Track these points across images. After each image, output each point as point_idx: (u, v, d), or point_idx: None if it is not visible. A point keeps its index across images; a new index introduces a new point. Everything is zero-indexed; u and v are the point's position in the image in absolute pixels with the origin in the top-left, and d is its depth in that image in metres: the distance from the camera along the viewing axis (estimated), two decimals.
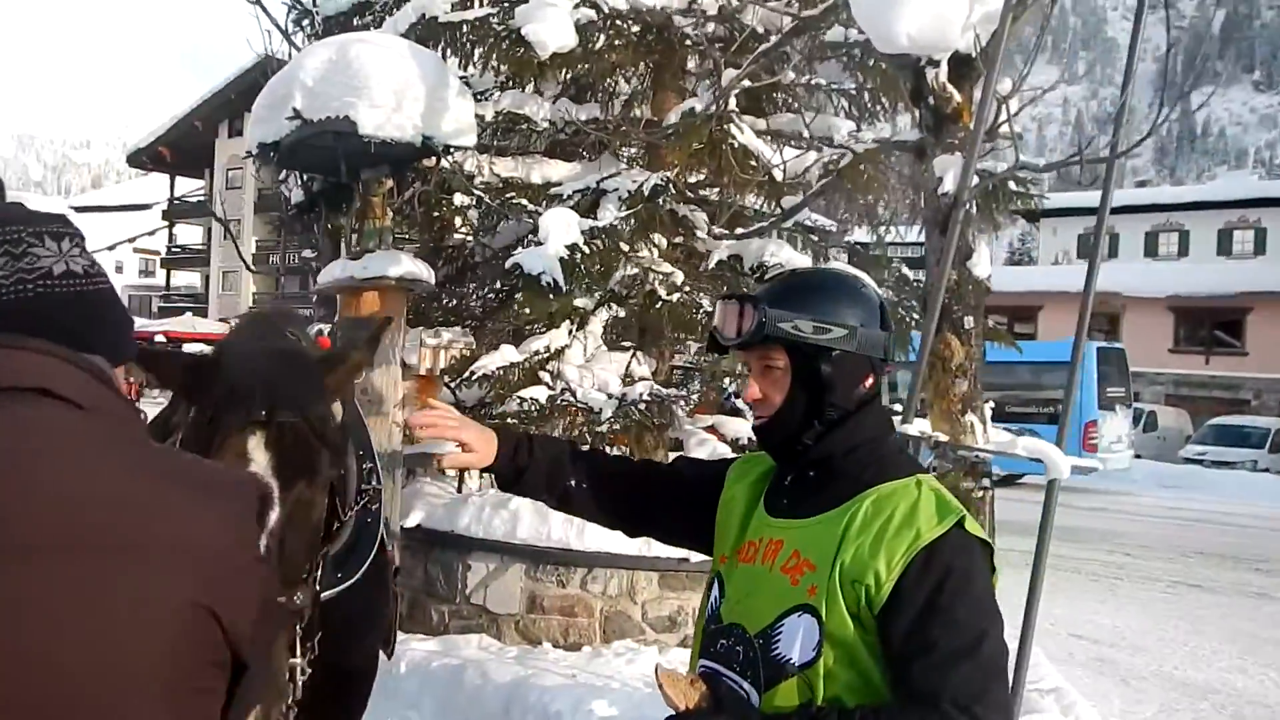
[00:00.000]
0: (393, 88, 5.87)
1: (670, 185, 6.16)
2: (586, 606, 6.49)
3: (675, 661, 3.52)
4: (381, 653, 4.24)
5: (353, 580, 2.70)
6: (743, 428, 8.33)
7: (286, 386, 2.10)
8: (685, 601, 6.53)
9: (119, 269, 63.15)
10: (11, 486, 1.10)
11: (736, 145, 5.90)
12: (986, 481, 4.06)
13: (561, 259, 5.44)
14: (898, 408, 4.05)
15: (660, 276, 6.34)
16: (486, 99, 7.40)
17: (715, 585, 2.05)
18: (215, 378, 2.13)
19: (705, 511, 2.11)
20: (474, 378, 6.50)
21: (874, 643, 1.74)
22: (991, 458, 4.13)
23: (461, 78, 7.32)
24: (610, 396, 6.21)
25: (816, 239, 7.42)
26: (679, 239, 7.26)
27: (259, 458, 2.00)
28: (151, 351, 2.24)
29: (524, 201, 6.79)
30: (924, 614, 1.70)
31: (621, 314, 7.36)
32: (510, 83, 7.65)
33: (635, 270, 6.49)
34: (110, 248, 65.87)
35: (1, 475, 1.11)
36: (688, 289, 6.55)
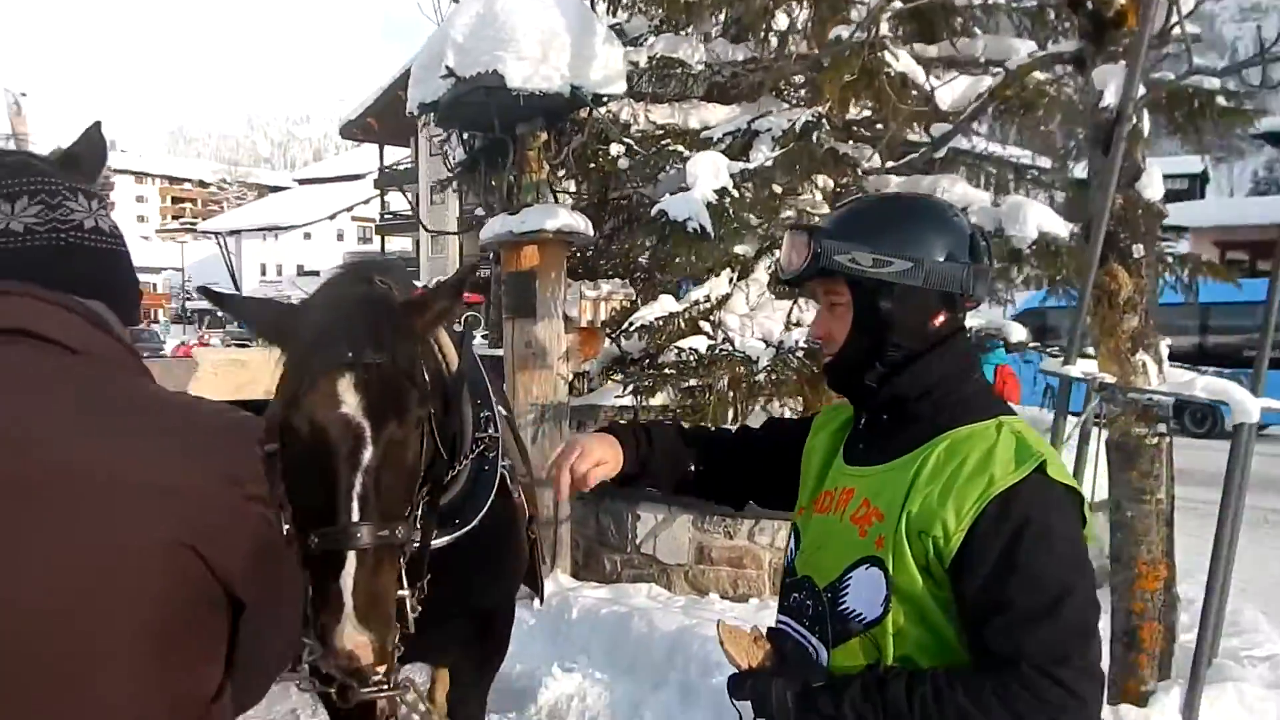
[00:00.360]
0: (539, 39, 5.84)
1: (823, 121, 5.86)
2: (755, 558, 6.38)
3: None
4: (536, 599, 4.32)
5: (469, 527, 2.70)
6: None
7: (371, 329, 2.12)
8: None
9: (340, 236, 67.31)
10: None
11: (893, 74, 5.52)
12: (1162, 427, 3.65)
13: (709, 204, 5.27)
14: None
15: (816, 218, 6.05)
16: (640, 44, 7.29)
17: (792, 537, 1.92)
18: (303, 324, 2.19)
19: (794, 469, 1.97)
20: (633, 329, 6.46)
21: (946, 598, 1.59)
22: (1174, 401, 3.70)
23: (612, 25, 7.24)
24: (768, 345, 6.02)
25: (995, 170, 6.90)
26: (845, 179, 6.94)
27: (348, 399, 2.03)
28: (241, 299, 2.35)
29: (680, 148, 6.64)
30: (998, 568, 1.53)
31: None
32: (664, 26, 7.50)
33: (790, 213, 6.23)
34: (331, 217, 70.37)
35: None
36: None
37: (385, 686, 2.15)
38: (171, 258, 66.07)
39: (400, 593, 2.15)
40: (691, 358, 6.04)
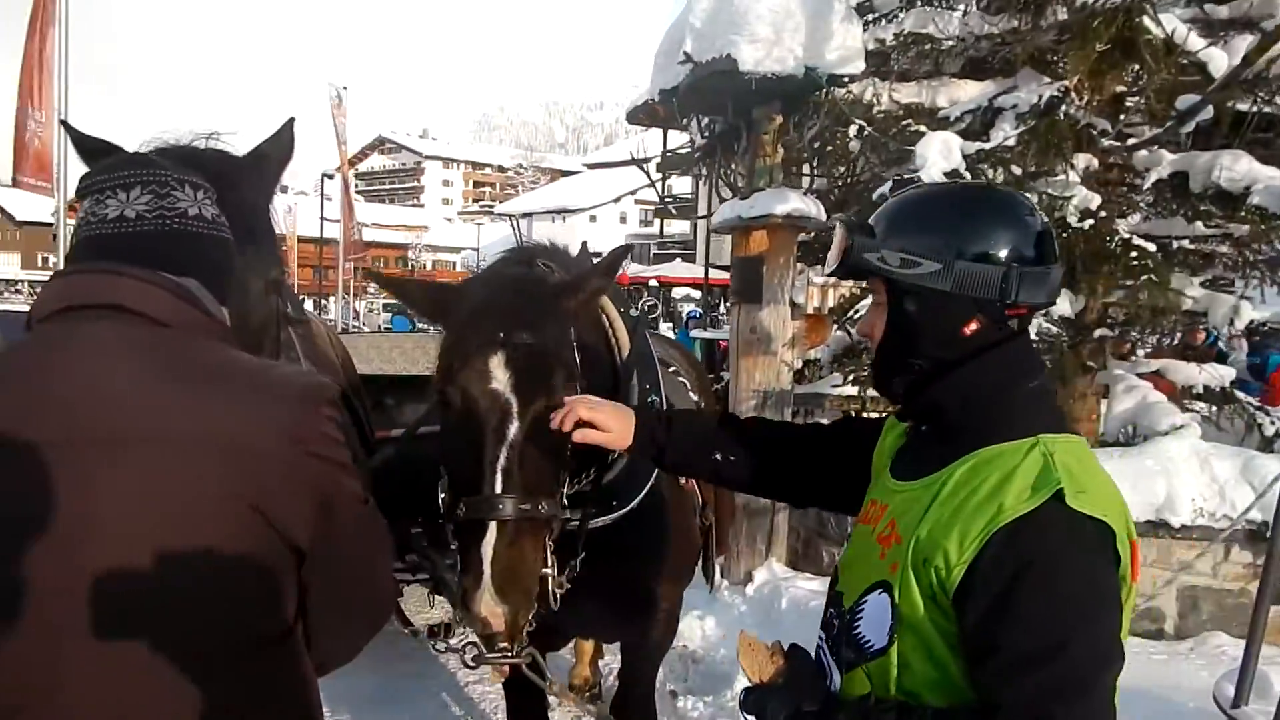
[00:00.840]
0: (771, 20, 5.77)
1: (1070, 95, 5.40)
2: None
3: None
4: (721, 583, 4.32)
5: (626, 509, 2.74)
6: (1194, 374, 7.22)
7: (522, 311, 2.23)
8: None
9: (623, 219, 69.63)
10: (67, 386, 1.27)
11: (1157, 40, 4.99)
12: None
13: None
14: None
15: (1062, 202, 5.61)
16: (888, 20, 7.02)
17: (846, 546, 1.84)
18: (460, 304, 2.33)
19: (861, 472, 1.88)
20: (859, 315, 6.27)
21: (953, 632, 1.45)
22: None
23: (859, 2, 7.02)
24: None
25: None
26: (1111, 158, 6.38)
27: (497, 375, 2.15)
28: (403, 281, 2.54)
29: (923, 129, 6.34)
30: (995, 607, 1.37)
31: None
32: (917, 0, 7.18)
33: (1029, 195, 5.80)
34: (615, 200, 72.91)
35: (61, 377, 1.28)
36: (1104, 214, 5.72)
37: (509, 654, 2.23)
38: (469, 238, 70.73)
39: (544, 570, 2.22)
40: None
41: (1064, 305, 6.53)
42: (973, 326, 1.57)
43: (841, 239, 1.65)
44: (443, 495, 2.34)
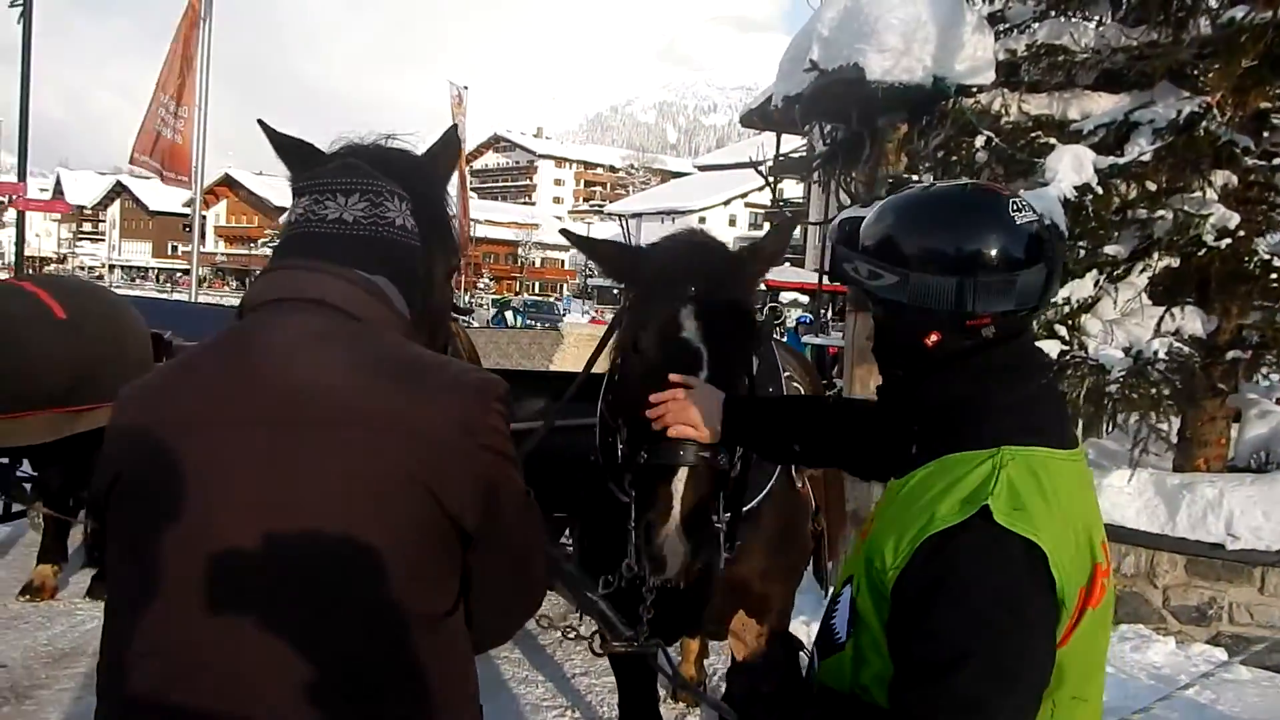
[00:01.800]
0: (901, 30, 5.74)
1: (1211, 111, 5.25)
2: None
3: None
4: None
5: (746, 508, 2.77)
6: None
7: (711, 270, 2.36)
8: (1219, 593, 5.69)
9: (732, 222, 69.46)
10: (276, 371, 1.40)
11: None
12: None
13: (1066, 201, 4.94)
14: None
15: (1199, 220, 5.45)
16: (1020, 31, 6.92)
17: None
18: (649, 264, 2.47)
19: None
20: None
21: None
22: None
23: (991, 13, 6.93)
24: (1126, 355, 5.54)
25: None
26: (1253, 176, 6.17)
27: (688, 328, 2.28)
28: (593, 240, 2.68)
29: (1053, 141, 6.24)
30: (909, 616, 1.39)
31: (1175, 264, 6.47)
32: (1051, 11, 7.04)
33: (1163, 212, 5.65)
34: (725, 202, 72.76)
35: (270, 362, 1.41)
36: (1242, 233, 5.55)
37: (635, 644, 2.32)
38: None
39: (717, 525, 2.31)
40: None
41: (1195, 325, 6.34)
42: (933, 338, 1.54)
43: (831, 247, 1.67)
44: (621, 446, 2.43)
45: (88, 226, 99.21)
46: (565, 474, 3.00)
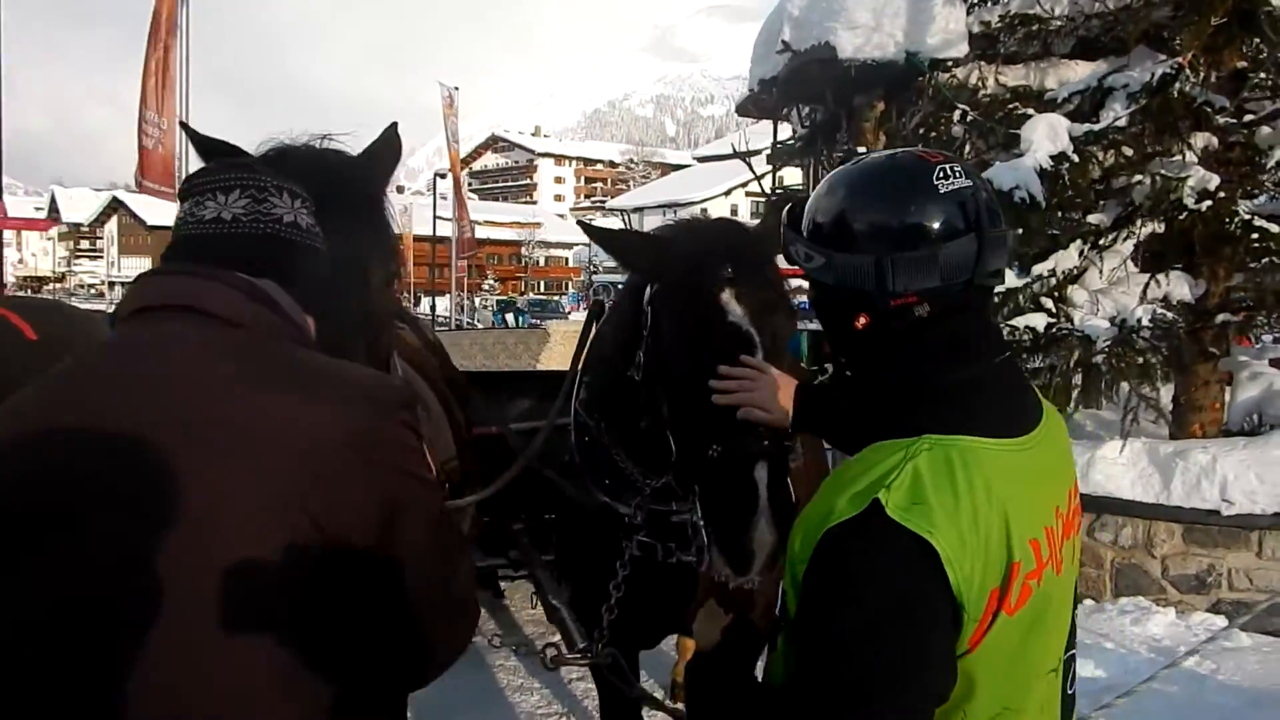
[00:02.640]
0: (871, 6, 5.73)
1: (1184, 72, 5.17)
2: (1095, 556, 5.87)
3: None
4: None
5: None
6: None
7: (746, 252, 2.25)
8: (1217, 560, 5.62)
9: (734, 211, 69.30)
10: (131, 387, 1.27)
11: (1276, 11, 4.74)
12: None
13: (1042, 171, 4.88)
14: None
15: (1177, 183, 5.38)
16: (994, 2, 6.85)
17: None
18: (676, 249, 2.33)
19: None
20: None
21: None
22: None
23: None
24: (1112, 324, 5.47)
25: None
26: (1234, 137, 6.08)
27: (734, 311, 2.16)
28: (606, 230, 2.49)
29: (1030, 112, 6.17)
30: (801, 610, 1.32)
31: (1160, 229, 6.39)
32: None
33: (1142, 177, 5.58)
34: (726, 193, 72.57)
35: (125, 378, 1.29)
36: (1223, 195, 5.48)
37: (589, 656, 2.23)
38: (581, 234, 71.43)
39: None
40: (1026, 337, 5.64)
41: (1183, 290, 6.27)
42: (862, 321, 1.45)
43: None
44: (673, 442, 2.28)
45: (85, 244, 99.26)
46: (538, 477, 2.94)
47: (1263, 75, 5.54)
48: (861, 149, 6.36)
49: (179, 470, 1.21)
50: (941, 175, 1.41)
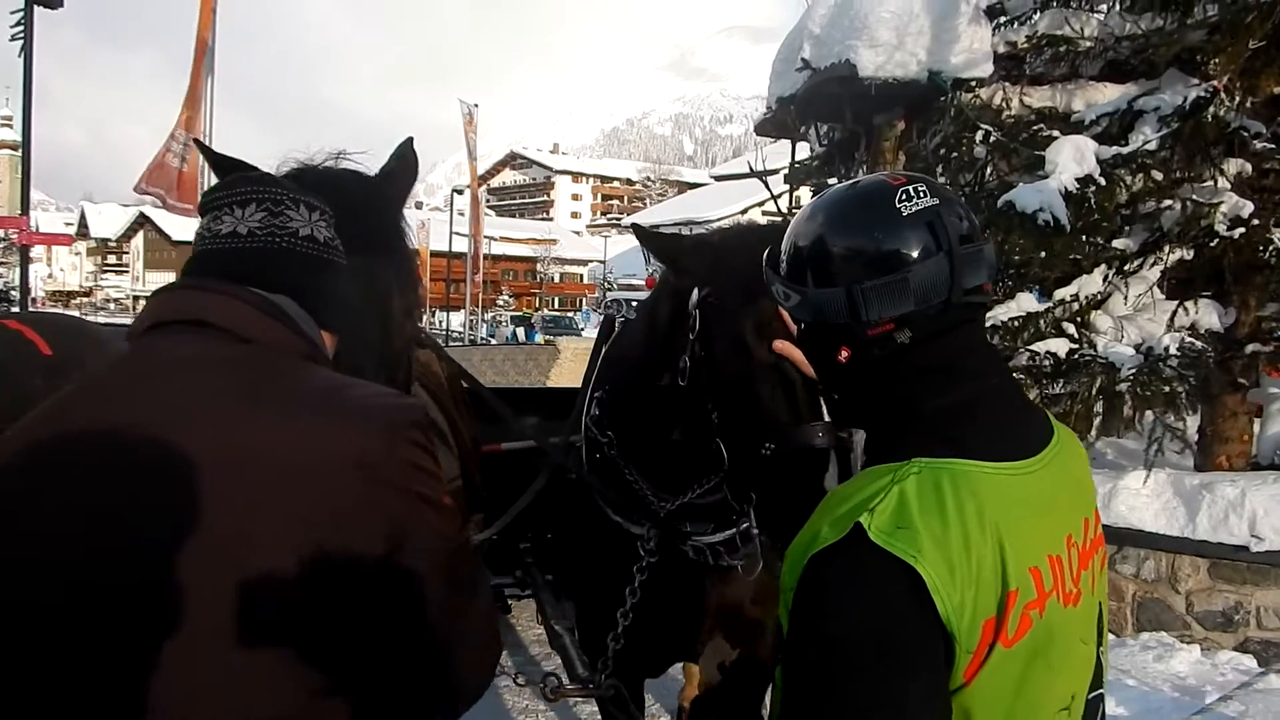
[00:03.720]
0: (893, 24, 5.62)
1: (1219, 96, 5.04)
2: (1116, 589, 5.70)
3: None
4: None
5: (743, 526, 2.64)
6: None
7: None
8: (1245, 597, 5.44)
9: None
10: (136, 405, 1.24)
11: None
12: None
13: (1067, 194, 4.75)
14: None
15: (1210, 210, 5.24)
16: (1021, 22, 6.73)
17: None
18: (727, 256, 2.30)
19: None
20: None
21: None
22: None
23: (991, 4, 6.76)
24: (1138, 351, 5.32)
25: None
26: (1268, 164, 5.94)
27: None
28: (654, 233, 2.52)
29: (1056, 134, 6.05)
30: (785, 642, 1.26)
31: (1189, 256, 6.25)
32: (1054, 0, 6.85)
33: (1171, 202, 5.44)
34: (742, 211, 72.72)
35: (132, 395, 1.26)
36: (1256, 222, 5.33)
37: (590, 687, 2.15)
38: (596, 251, 71.68)
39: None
40: (1047, 362, 5.50)
41: (1212, 318, 6.12)
42: (844, 354, 1.42)
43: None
44: (724, 449, 2.25)
45: (112, 258, 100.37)
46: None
47: None
48: (881, 168, 6.24)
49: (180, 488, 1.17)
50: (904, 197, 1.37)
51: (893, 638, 1.19)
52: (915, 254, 1.35)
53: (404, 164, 2.02)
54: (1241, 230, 5.46)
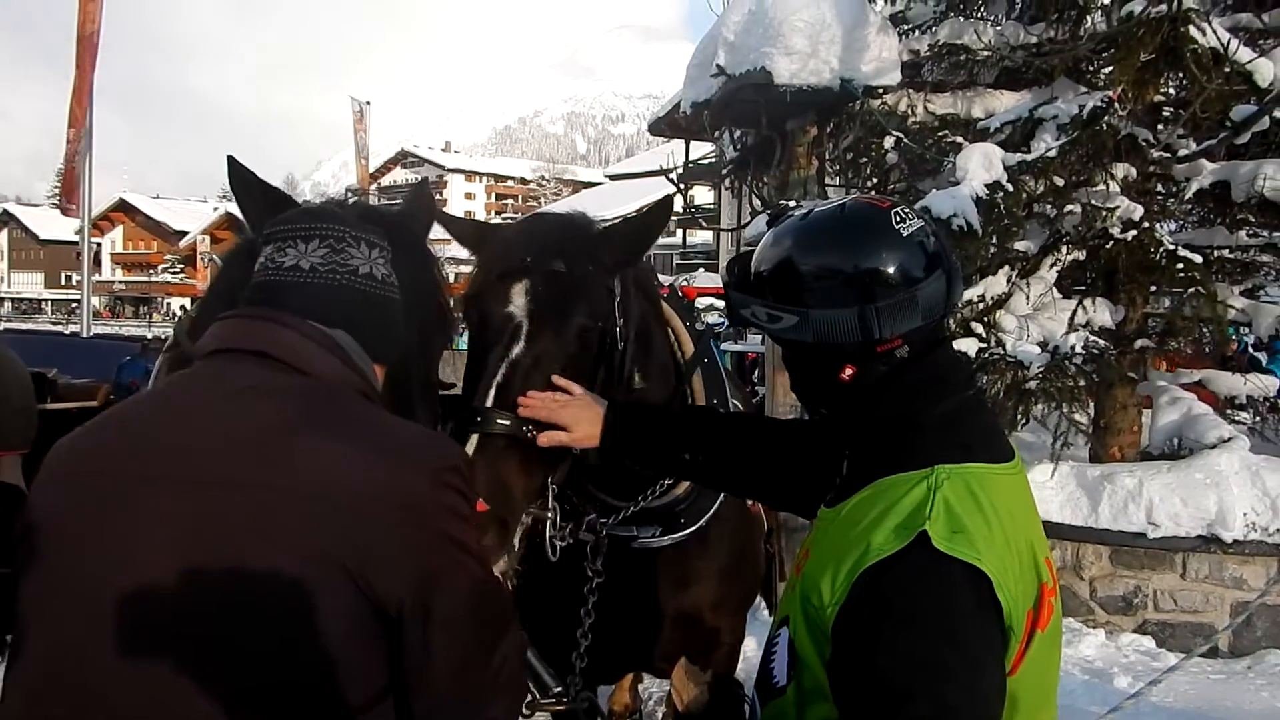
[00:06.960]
0: (807, 33, 5.73)
1: (1114, 105, 5.31)
2: (1072, 593, 5.92)
3: None
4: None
5: (693, 529, 2.59)
6: (1238, 384, 7.09)
7: (556, 243, 2.17)
8: (1144, 581, 5.75)
9: None
10: (195, 426, 1.29)
11: (1201, 49, 4.90)
12: None
13: (978, 199, 4.94)
14: None
15: (1105, 213, 5.52)
16: (922, 31, 6.96)
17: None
18: (498, 235, 2.30)
19: (809, 476, 1.75)
20: None
21: None
22: None
23: (893, 14, 6.96)
24: (1043, 350, 5.57)
25: None
26: (1151, 168, 6.27)
27: (516, 298, 2.09)
28: (451, 217, 2.49)
29: (960, 140, 6.27)
30: (849, 655, 1.28)
31: (1082, 257, 6.55)
32: (951, 11, 7.10)
33: (1073, 207, 5.71)
34: (637, 210, 72.88)
35: (191, 416, 1.31)
36: (1146, 224, 5.63)
37: (565, 699, 2.15)
38: None
39: (537, 512, 2.15)
40: None
41: (1105, 316, 6.43)
42: (848, 372, 1.46)
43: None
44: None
45: None
46: None
47: (1182, 110, 5.70)
48: (795, 172, 6.38)
49: (217, 512, 1.23)
50: (899, 219, 1.44)
51: (969, 637, 1.24)
52: (920, 272, 1.42)
53: (420, 201, 2.06)
54: (1134, 232, 5.75)
